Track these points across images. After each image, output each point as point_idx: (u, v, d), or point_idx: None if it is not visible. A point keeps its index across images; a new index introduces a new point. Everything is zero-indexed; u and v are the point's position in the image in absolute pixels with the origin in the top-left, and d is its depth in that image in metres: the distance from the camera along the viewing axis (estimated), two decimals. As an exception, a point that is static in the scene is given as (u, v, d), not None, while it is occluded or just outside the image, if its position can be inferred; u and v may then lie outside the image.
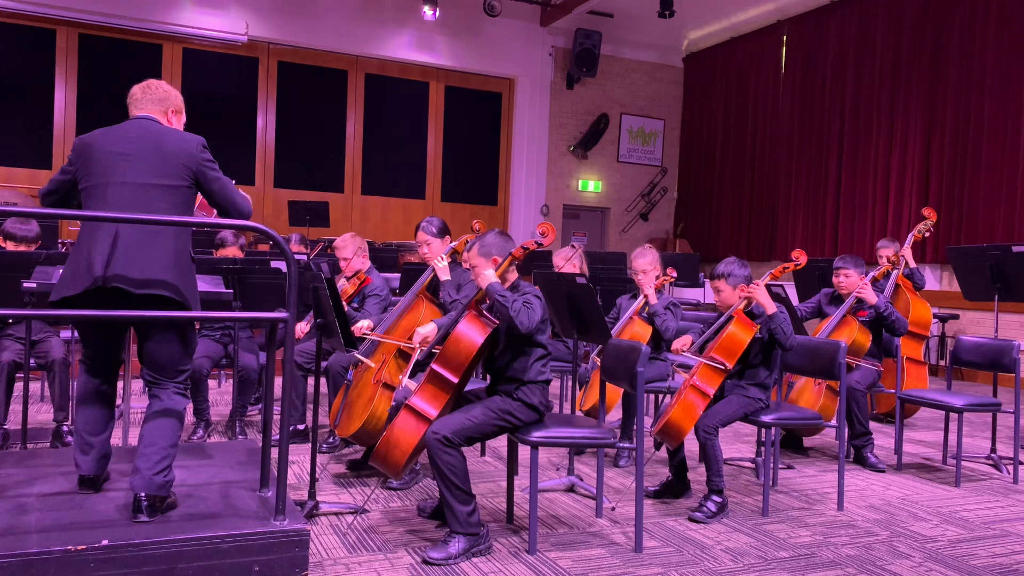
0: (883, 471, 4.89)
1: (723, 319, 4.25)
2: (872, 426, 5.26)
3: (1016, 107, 9.11)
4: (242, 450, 3.76)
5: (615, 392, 4.94)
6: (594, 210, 14.21)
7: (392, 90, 12.76)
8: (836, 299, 5.52)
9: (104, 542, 2.49)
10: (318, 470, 3.79)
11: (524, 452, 3.62)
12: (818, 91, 11.72)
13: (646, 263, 5.03)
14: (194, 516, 2.77)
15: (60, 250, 5.83)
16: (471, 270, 3.58)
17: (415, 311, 4.40)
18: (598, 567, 3.22)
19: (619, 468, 4.79)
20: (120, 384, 3.28)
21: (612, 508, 3.98)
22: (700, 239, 13.71)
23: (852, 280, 5.32)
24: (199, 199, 3.22)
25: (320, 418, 5.50)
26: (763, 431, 4.42)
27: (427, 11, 11.79)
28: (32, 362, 4.64)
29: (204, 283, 4.16)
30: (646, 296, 4.97)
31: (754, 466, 4.86)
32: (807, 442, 5.52)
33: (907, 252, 6.28)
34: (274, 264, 5.13)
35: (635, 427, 4.03)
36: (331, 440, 4.89)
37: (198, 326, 5.20)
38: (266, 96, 11.97)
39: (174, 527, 2.65)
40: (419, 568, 3.14)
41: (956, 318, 9.33)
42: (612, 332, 4.69)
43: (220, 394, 6.75)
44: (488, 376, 3.61)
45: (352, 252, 5.09)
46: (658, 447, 4.59)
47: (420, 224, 4.73)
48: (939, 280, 9.98)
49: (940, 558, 3.46)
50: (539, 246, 3.60)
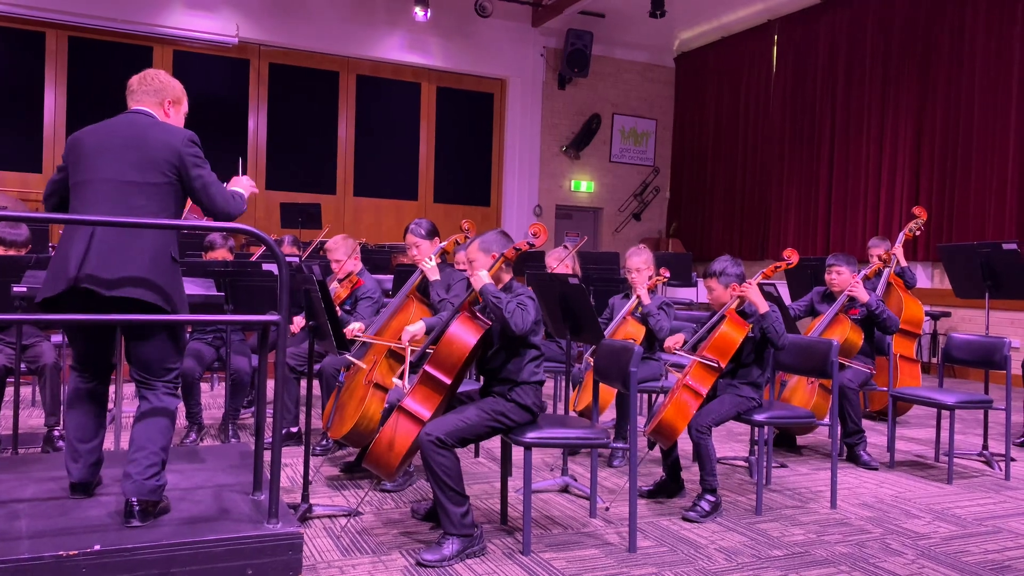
0: (876, 469, 4.91)
1: (715, 318, 4.25)
2: (865, 424, 5.28)
3: (1005, 105, 9.15)
4: (235, 453, 3.75)
5: (608, 392, 4.94)
6: (587, 210, 14.21)
7: (384, 91, 12.75)
8: (828, 297, 5.53)
9: (96, 547, 2.47)
10: (311, 473, 3.78)
11: (518, 453, 3.62)
12: (809, 90, 11.76)
13: (640, 262, 5.04)
14: (187, 520, 2.76)
15: (51, 254, 5.80)
16: (468, 266, 3.57)
17: (405, 312, 4.40)
18: (592, 567, 3.22)
19: (613, 468, 4.79)
20: (111, 388, 3.26)
21: (606, 508, 3.99)
22: (693, 239, 13.74)
23: (844, 277, 5.33)
24: (188, 203, 3.16)
25: (313, 421, 5.49)
26: (756, 430, 4.43)
27: (418, 12, 11.78)
28: (23, 367, 4.61)
29: (196, 286, 4.15)
30: (639, 296, 4.98)
31: (747, 465, 4.87)
32: (800, 440, 5.54)
33: (898, 250, 6.30)
34: (266, 267, 5.12)
35: (628, 427, 4.03)
36: (324, 443, 4.88)
37: (189, 329, 5.18)
38: (257, 98, 11.94)
39: (167, 531, 2.64)
40: (413, 570, 3.13)
41: (947, 316, 9.37)
42: (605, 332, 4.70)
43: (212, 397, 6.73)
44: (481, 377, 3.61)
45: (344, 254, 5.08)
46: (651, 447, 4.59)
47: (409, 226, 4.73)
48: (930, 278, 10.02)
49: (933, 555, 3.47)
50: (531, 247, 3.60)
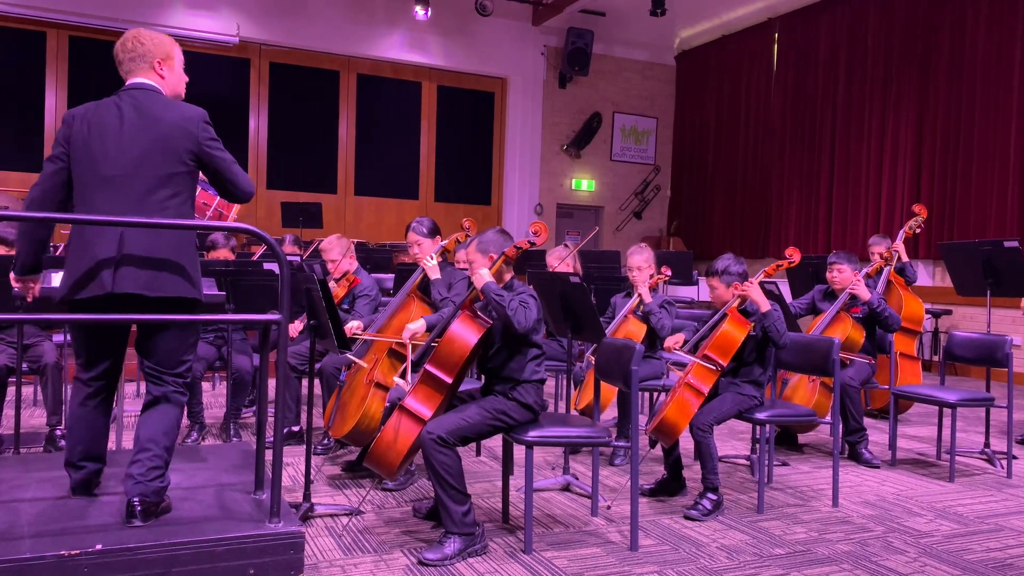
0: (878, 467, 4.91)
1: (717, 317, 4.25)
2: (866, 422, 5.28)
3: (1006, 103, 9.14)
4: (236, 452, 3.75)
5: (610, 391, 4.94)
6: (587, 209, 14.21)
7: (385, 90, 12.74)
8: (830, 295, 5.53)
9: (98, 546, 2.47)
10: (313, 472, 3.78)
11: (519, 452, 3.62)
12: (810, 89, 11.75)
13: (641, 260, 5.03)
14: (189, 519, 2.76)
15: (53, 254, 5.80)
16: (468, 266, 3.57)
17: (406, 310, 4.40)
18: (594, 566, 3.22)
19: (614, 467, 4.79)
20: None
21: (608, 507, 3.98)
22: (694, 237, 13.73)
23: (845, 275, 5.33)
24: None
25: (314, 420, 5.49)
26: (758, 428, 4.43)
27: (419, 11, 11.78)
28: (24, 366, 4.62)
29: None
30: (640, 294, 4.98)
31: (749, 463, 4.87)
32: (802, 439, 5.54)
33: (899, 247, 6.30)
34: (267, 266, 5.12)
35: (630, 426, 4.03)
36: (325, 442, 4.88)
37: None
38: (258, 97, 11.94)
39: (169, 531, 2.64)
40: (415, 569, 3.13)
41: (949, 314, 9.36)
42: (607, 331, 4.69)
43: (214, 396, 6.74)
44: (482, 376, 3.61)
45: (339, 254, 5.08)
46: (653, 445, 4.59)
47: (410, 225, 4.73)
48: (931, 276, 10.01)
49: (935, 553, 3.47)
50: (532, 245, 3.60)
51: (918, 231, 6.48)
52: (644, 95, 14.31)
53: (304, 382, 5.07)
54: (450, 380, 3.36)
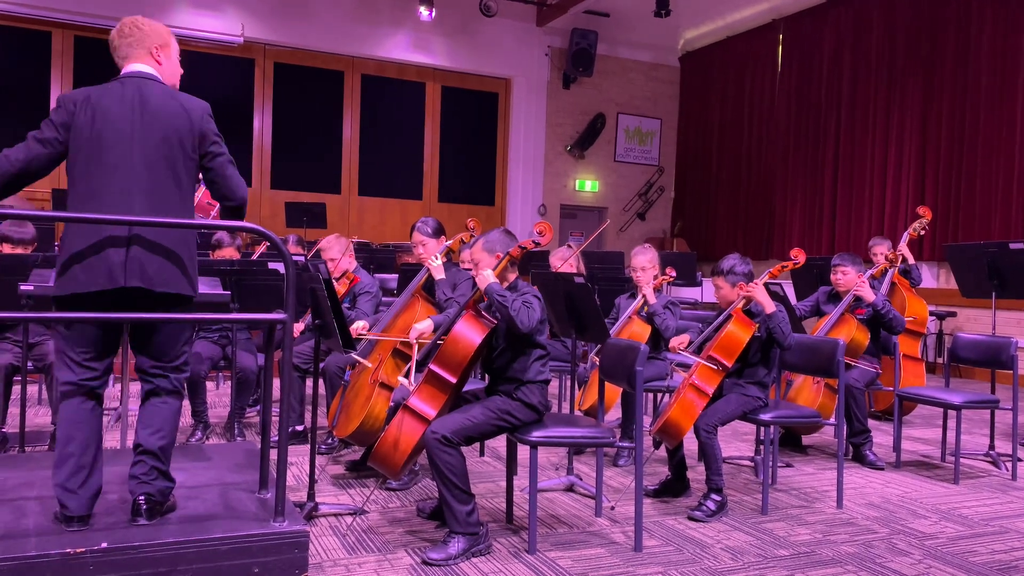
0: (882, 469, 4.90)
1: (722, 318, 4.25)
2: (870, 424, 5.27)
3: (1011, 104, 9.12)
4: (241, 452, 3.76)
5: (614, 391, 4.94)
6: (591, 210, 14.20)
7: (389, 91, 12.75)
8: (834, 297, 5.52)
9: (103, 545, 2.48)
10: (317, 471, 3.78)
11: (523, 452, 3.62)
12: (814, 90, 11.74)
13: (645, 260, 5.03)
14: (193, 518, 2.76)
15: (56, 252, 5.82)
16: (473, 266, 3.57)
17: (411, 310, 4.40)
18: (598, 566, 3.22)
19: (618, 467, 4.78)
20: (117, 386, 3.25)
21: (611, 507, 3.98)
22: (697, 238, 13.72)
23: (849, 277, 5.32)
24: (197, 198, 3.13)
25: (318, 419, 5.49)
26: (762, 429, 4.42)
27: (423, 12, 11.78)
28: (30, 365, 4.63)
29: (202, 285, 4.15)
30: (644, 295, 4.98)
31: (753, 464, 4.86)
32: (806, 440, 5.53)
33: (904, 249, 6.29)
34: (272, 265, 5.13)
35: (634, 426, 4.03)
36: (330, 441, 4.89)
37: (195, 328, 5.18)
38: (262, 97, 11.96)
39: (173, 529, 2.64)
40: (419, 569, 3.13)
41: (953, 315, 9.34)
42: (611, 332, 4.69)
43: (218, 396, 6.74)
44: (487, 376, 3.61)
45: (338, 252, 5.09)
46: (657, 446, 4.59)
47: (415, 225, 4.73)
48: (936, 277, 9.99)
49: (940, 555, 3.46)
50: (536, 245, 3.59)
51: (922, 233, 6.47)
52: (648, 96, 14.30)
53: (308, 381, 5.07)
54: (454, 380, 3.36)
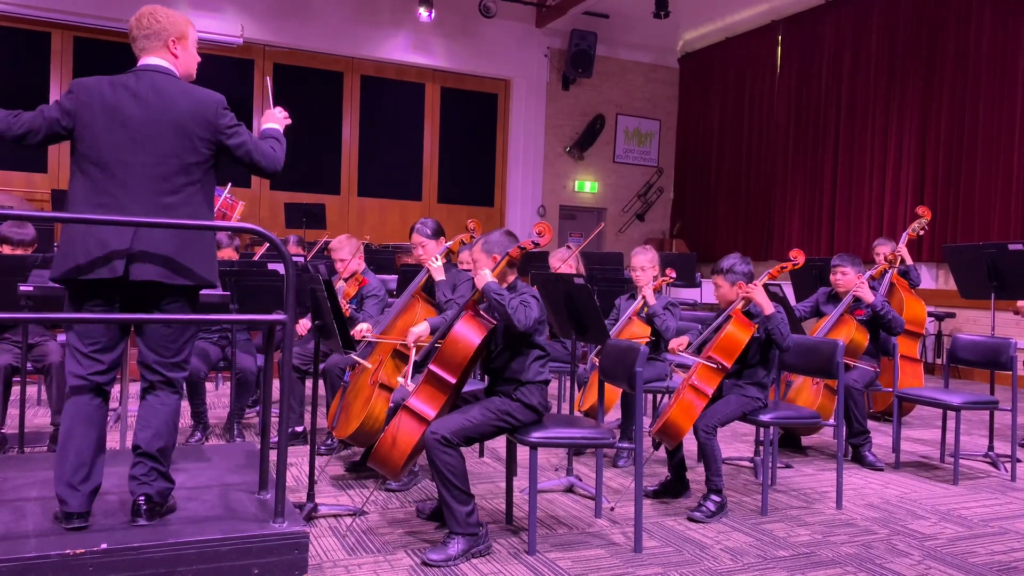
0: (881, 469, 4.90)
1: (721, 319, 4.25)
2: (870, 425, 5.27)
3: (1011, 105, 9.13)
4: (240, 453, 3.76)
5: (614, 392, 4.94)
6: (590, 211, 14.21)
7: (388, 92, 12.75)
8: (833, 298, 5.53)
9: (103, 546, 2.48)
10: (316, 472, 3.78)
11: (523, 453, 3.62)
12: (814, 91, 11.75)
13: (644, 261, 5.03)
14: (193, 519, 2.76)
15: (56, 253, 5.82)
16: (472, 266, 3.57)
17: (411, 312, 4.40)
18: (598, 567, 3.22)
19: (618, 468, 4.78)
20: (116, 387, 3.26)
21: (611, 508, 3.98)
22: (697, 239, 13.72)
23: (849, 278, 5.33)
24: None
25: (318, 420, 5.49)
26: (762, 430, 4.42)
27: (423, 13, 11.79)
28: (29, 366, 4.62)
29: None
30: (643, 296, 4.98)
31: (753, 465, 4.86)
32: (805, 441, 5.53)
33: (903, 250, 6.29)
34: (271, 266, 5.13)
35: (634, 427, 4.03)
36: (329, 442, 4.89)
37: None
38: (262, 98, 11.95)
39: (173, 530, 2.64)
40: (418, 570, 3.13)
41: (952, 316, 9.35)
42: (611, 333, 4.69)
43: (218, 397, 6.74)
44: (486, 377, 3.61)
45: (349, 253, 5.09)
46: (657, 447, 4.59)
47: (414, 226, 4.73)
48: (935, 278, 10.00)
49: (939, 556, 3.46)
50: (536, 246, 3.60)
51: (922, 233, 6.47)
52: (647, 97, 14.31)
53: (308, 382, 5.07)
54: (454, 380, 3.36)
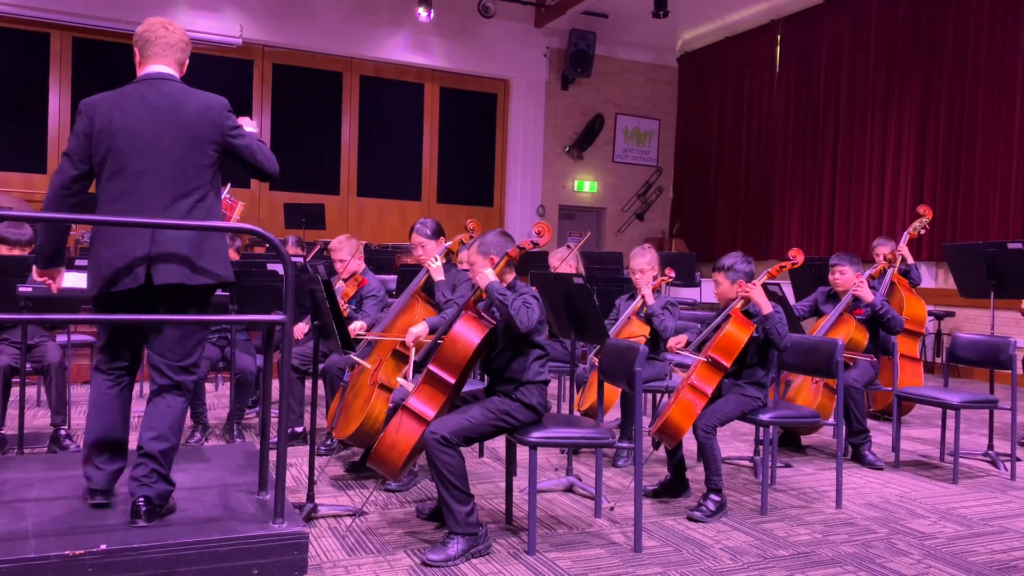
0: (881, 469, 4.90)
1: (720, 318, 4.25)
2: (869, 424, 5.27)
3: (1010, 103, 9.13)
4: (240, 453, 3.76)
5: (613, 392, 4.94)
6: (590, 210, 14.21)
7: (387, 92, 12.75)
8: (833, 297, 5.53)
9: (102, 547, 2.48)
10: (316, 472, 3.78)
11: (522, 452, 3.62)
12: (813, 90, 11.75)
13: (644, 262, 5.03)
14: (193, 520, 2.76)
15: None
16: (469, 268, 3.57)
17: (410, 312, 4.40)
18: (597, 567, 3.22)
19: (618, 468, 4.78)
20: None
21: (611, 508, 3.98)
22: (696, 239, 13.72)
23: (847, 277, 5.33)
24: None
25: (318, 420, 5.49)
26: (761, 430, 4.42)
27: (422, 13, 11.78)
28: (28, 366, 4.62)
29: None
30: (643, 296, 4.98)
31: (752, 465, 4.86)
32: (805, 440, 5.53)
33: (903, 249, 6.29)
34: (270, 267, 5.13)
35: (633, 427, 4.03)
36: (329, 442, 4.89)
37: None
38: (261, 98, 11.95)
39: (173, 531, 2.64)
40: (418, 570, 3.13)
41: (952, 315, 9.35)
42: (610, 333, 4.69)
43: (217, 397, 6.74)
44: (486, 377, 3.61)
45: (349, 254, 5.09)
46: (656, 447, 4.59)
47: (414, 226, 4.73)
48: (934, 277, 10.00)
49: (939, 555, 3.46)
50: (535, 246, 3.60)
51: (923, 232, 6.47)
52: (646, 97, 14.31)
53: (308, 383, 5.07)
54: (453, 380, 3.36)
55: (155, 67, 2.90)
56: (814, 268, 6.89)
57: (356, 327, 4.41)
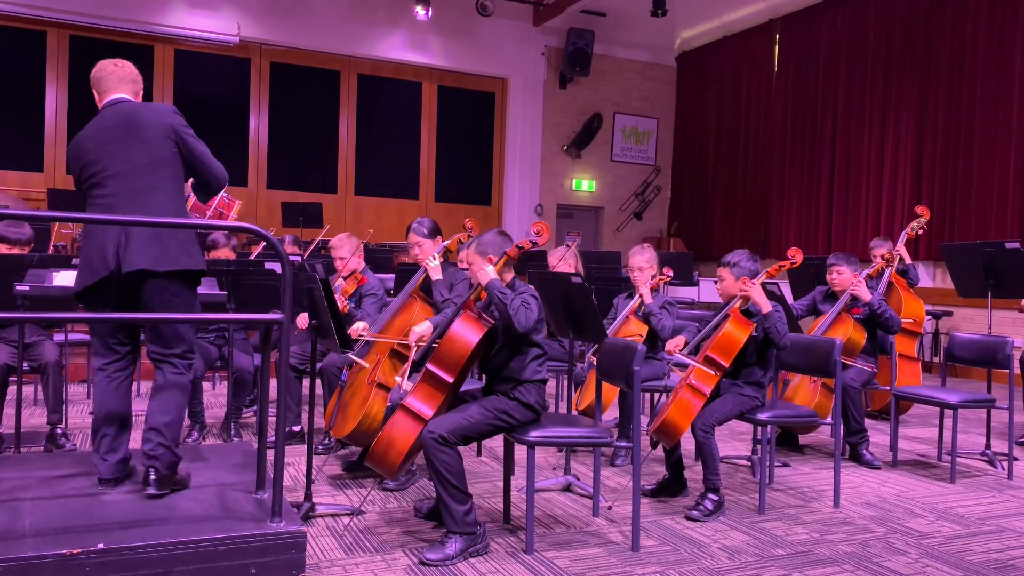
0: (879, 468, 4.90)
1: (719, 317, 4.25)
2: (867, 423, 5.28)
3: (1007, 103, 9.14)
4: (237, 452, 3.75)
5: (611, 391, 4.94)
6: (588, 209, 14.21)
7: (385, 90, 12.74)
8: (831, 296, 5.53)
9: (100, 545, 2.47)
10: (314, 472, 3.78)
11: (520, 452, 3.62)
12: (811, 89, 11.75)
13: (642, 261, 5.03)
14: (190, 518, 2.76)
15: (51, 253, 5.79)
16: (468, 267, 3.57)
17: (408, 311, 4.39)
18: (595, 566, 3.22)
19: (616, 467, 4.78)
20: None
21: (609, 507, 3.98)
22: (694, 238, 13.73)
23: (845, 276, 5.33)
24: (191, 202, 3.27)
25: (315, 419, 5.48)
26: (759, 429, 4.43)
27: (420, 11, 11.78)
28: (25, 365, 4.61)
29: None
30: (641, 295, 4.98)
31: (750, 464, 4.86)
32: (803, 440, 5.53)
33: (902, 248, 6.30)
34: (268, 265, 5.12)
35: (631, 426, 4.03)
36: (327, 441, 4.88)
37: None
38: (259, 97, 11.94)
39: (170, 530, 2.64)
40: (416, 569, 3.13)
41: (949, 315, 9.36)
42: (608, 332, 4.69)
43: (215, 396, 6.73)
44: (484, 376, 3.61)
45: (348, 252, 5.08)
46: (654, 446, 4.59)
47: (411, 225, 4.73)
48: (932, 277, 10.01)
49: (936, 554, 3.47)
50: (534, 245, 3.59)
51: (921, 232, 6.48)
52: (645, 96, 14.31)
53: (305, 382, 5.06)
54: (451, 379, 3.36)
55: (112, 96, 3.15)
56: (812, 268, 6.89)
57: (359, 328, 4.39)
